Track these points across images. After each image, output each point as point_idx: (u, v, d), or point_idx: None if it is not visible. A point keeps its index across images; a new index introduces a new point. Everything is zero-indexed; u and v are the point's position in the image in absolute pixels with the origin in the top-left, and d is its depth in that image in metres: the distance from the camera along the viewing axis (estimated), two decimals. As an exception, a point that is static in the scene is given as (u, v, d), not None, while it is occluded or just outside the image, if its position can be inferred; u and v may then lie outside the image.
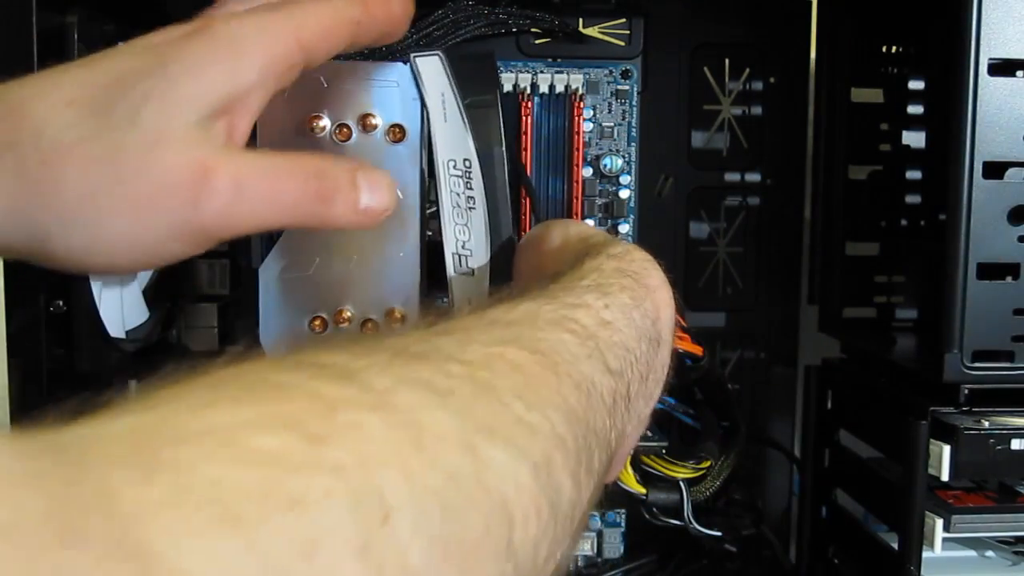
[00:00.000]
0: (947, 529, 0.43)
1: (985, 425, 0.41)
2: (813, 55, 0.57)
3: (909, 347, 0.50)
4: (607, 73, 0.54)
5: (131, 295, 0.47)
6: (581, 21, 0.54)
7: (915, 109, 0.52)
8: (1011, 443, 0.41)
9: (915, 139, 0.51)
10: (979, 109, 0.40)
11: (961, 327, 0.40)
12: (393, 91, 0.43)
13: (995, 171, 0.40)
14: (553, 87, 0.52)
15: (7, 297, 0.38)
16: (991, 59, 0.40)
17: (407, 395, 0.21)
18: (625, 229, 0.54)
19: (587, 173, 0.54)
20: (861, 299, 0.54)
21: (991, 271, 0.41)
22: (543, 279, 0.34)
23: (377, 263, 0.45)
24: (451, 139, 0.43)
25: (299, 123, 0.44)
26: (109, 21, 0.43)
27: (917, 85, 0.52)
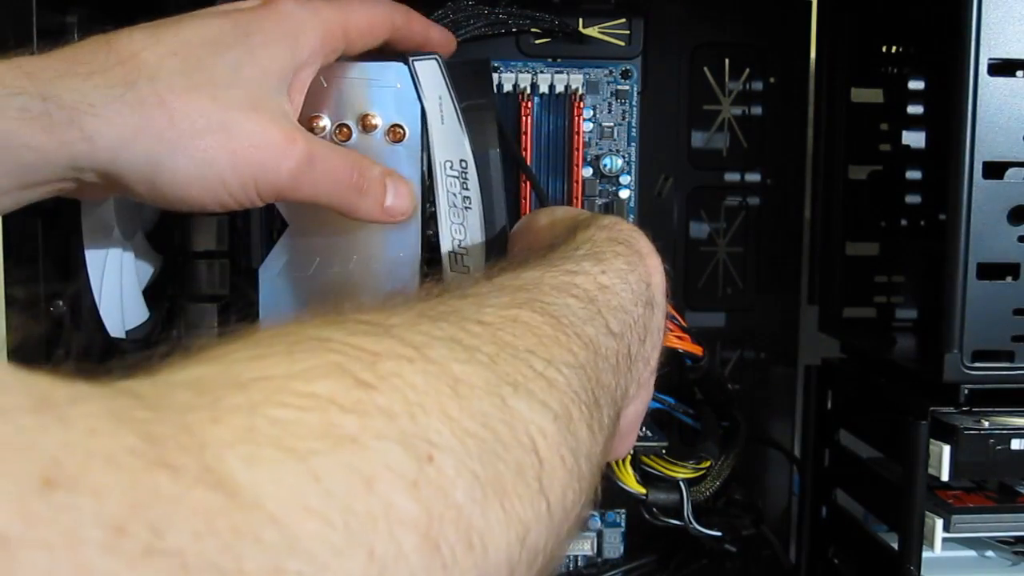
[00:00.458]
0: (947, 529, 0.43)
1: (985, 425, 0.41)
2: (813, 55, 0.57)
3: (909, 347, 0.50)
4: (607, 73, 0.54)
5: (131, 295, 0.47)
6: (581, 21, 0.54)
7: (915, 109, 0.52)
8: (1011, 443, 0.41)
9: (915, 139, 0.51)
10: (979, 109, 0.40)
11: (961, 327, 0.41)
12: (393, 91, 0.44)
13: (995, 171, 0.40)
14: (553, 87, 0.52)
15: (7, 297, 0.39)
16: (991, 59, 0.40)
17: (439, 349, 0.23)
18: (625, 229, 0.54)
19: (587, 173, 0.54)
20: (861, 299, 0.54)
21: (991, 271, 0.41)
22: (540, 250, 0.35)
23: (377, 263, 0.45)
24: (448, 141, 0.43)
25: (300, 123, 0.44)
26: (109, 21, 0.43)
27: (917, 85, 0.52)
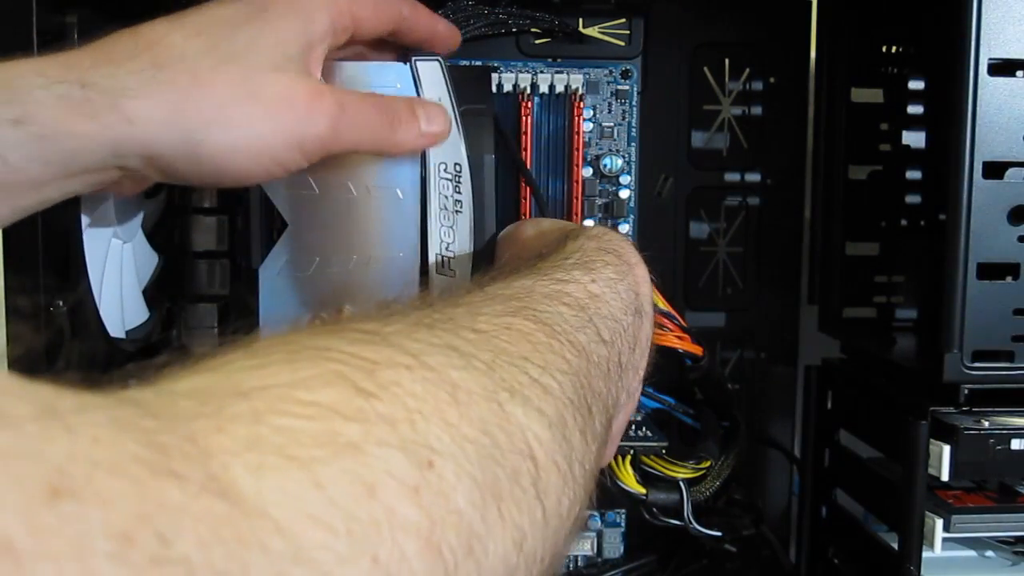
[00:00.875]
0: (947, 529, 0.43)
1: (985, 425, 0.41)
2: (813, 55, 0.57)
3: (909, 347, 0.50)
4: (607, 73, 0.54)
5: (131, 295, 0.47)
6: (581, 21, 0.54)
7: (915, 109, 0.51)
8: (1011, 443, 0.41)
9: (915, 139, 0.51)
10: (979, 109, 0.40)
11: (961, 327, 0.41)
12: (393, 92, 0.44)
13: (995, 171, 0.40)
14: (553, 87, 0.52)
15: (7, 297, 0.39)
16: (991, 59, 0.40)
17: (437, 356, 0.23)
18: (625, 229, 0.54)
19: (587, 173, 0.54)
20: (861, 299, 0.54)
21: (991, 271, 0.41)
22: (530, 259, 0.35)
23: (377, 263, 0.45)
24: (444, 143, 0.43)
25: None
26: (109, 21, 0.43)
27: (917, 85, 0.51)
